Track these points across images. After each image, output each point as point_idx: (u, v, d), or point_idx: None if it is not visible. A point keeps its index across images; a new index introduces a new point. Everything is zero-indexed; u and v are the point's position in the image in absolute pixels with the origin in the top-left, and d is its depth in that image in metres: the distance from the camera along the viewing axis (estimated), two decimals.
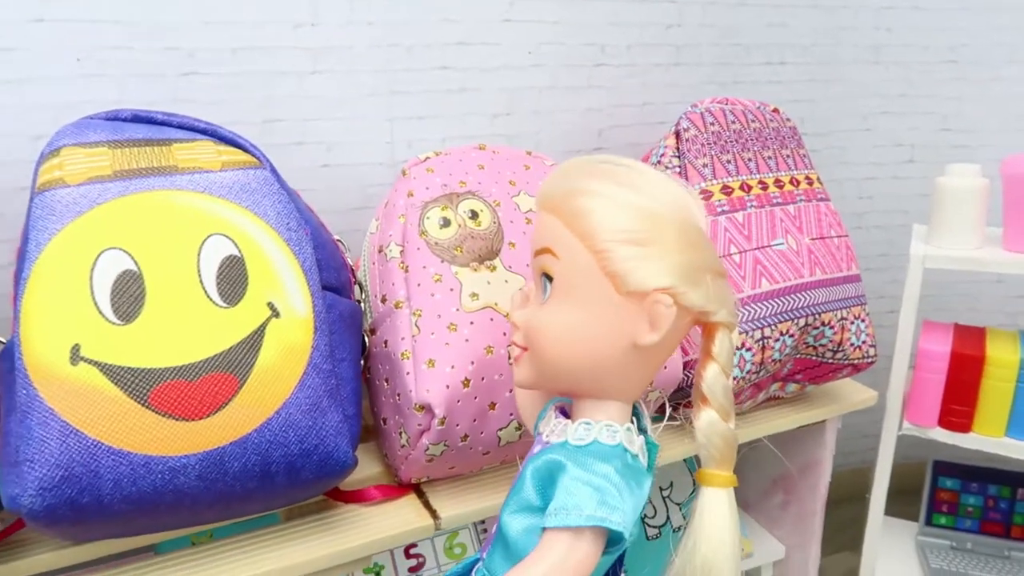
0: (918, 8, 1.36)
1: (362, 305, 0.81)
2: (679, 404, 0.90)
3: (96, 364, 0.59)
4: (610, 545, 0.51)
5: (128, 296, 0.61)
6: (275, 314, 0.65)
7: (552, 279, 0.53)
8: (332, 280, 0.72)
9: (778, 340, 0.90)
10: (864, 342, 0.98)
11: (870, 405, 1.10)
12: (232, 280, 0.65)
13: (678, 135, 0.96)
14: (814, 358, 0.97)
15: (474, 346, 0.74)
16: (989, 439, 1.12)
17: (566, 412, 0.58)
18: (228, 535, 0.75)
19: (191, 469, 0.60)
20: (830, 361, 0.98)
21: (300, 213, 0.71)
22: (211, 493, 0.62)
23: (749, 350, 0.88)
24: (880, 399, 1.12)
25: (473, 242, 0.79)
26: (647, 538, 1.11)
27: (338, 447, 0.67)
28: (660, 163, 0.97)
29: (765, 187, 0.97)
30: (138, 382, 0.59)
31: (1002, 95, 1.41)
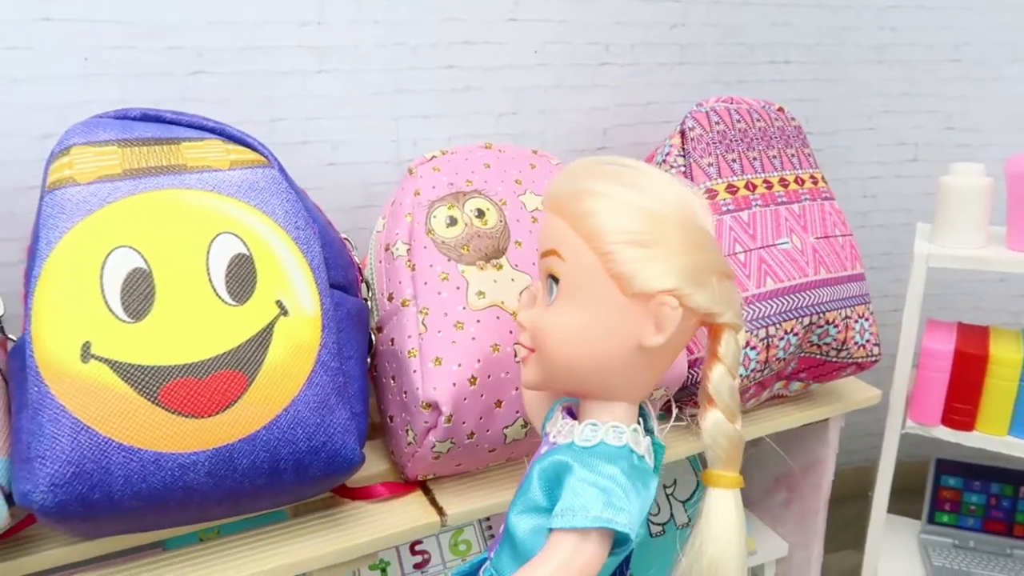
0: (922, 7, 1.36)
1: (369, 303, 0.81)
2: (684, 403, 0.90)
3: (106, 361, 0.59)
4: (616, 546, 0.51)
5: (138, 294, 0.62)
6: (283, 312, 0.66)
7: (558, 280, 0.53)
8: (340, 278, 0.73)
9: (782, 339, 0.90)
10: (868, 341, 0.98)
11: (873, 403, 1.11)
12: (241, 278, 0.65)
13: (683, 134, 0.97)
14: (818, 356, 0.98)
15: (480, 344, 0.74)
16: (992, 438, 1.12)
17: (573, 412, 0.58)
18: (235, 531, 0.75)
19: (200, 466, 0.61)
20: (834, 360, 0.98)
21: (308, 212, 0.71)
22: (220, 490, 0.63)
23: (753, 348, 0.88)
24: (883, 398, 1.12)
25: (480, 241, 0.79)
26: (651, 535, 1.12)
27: (346, 444, 0.67)
28: (665, 162, 0.97)
29: (770, 186, 0.97)
30: (148, 379, 0.60)
31: (1006, 94, 1.41)
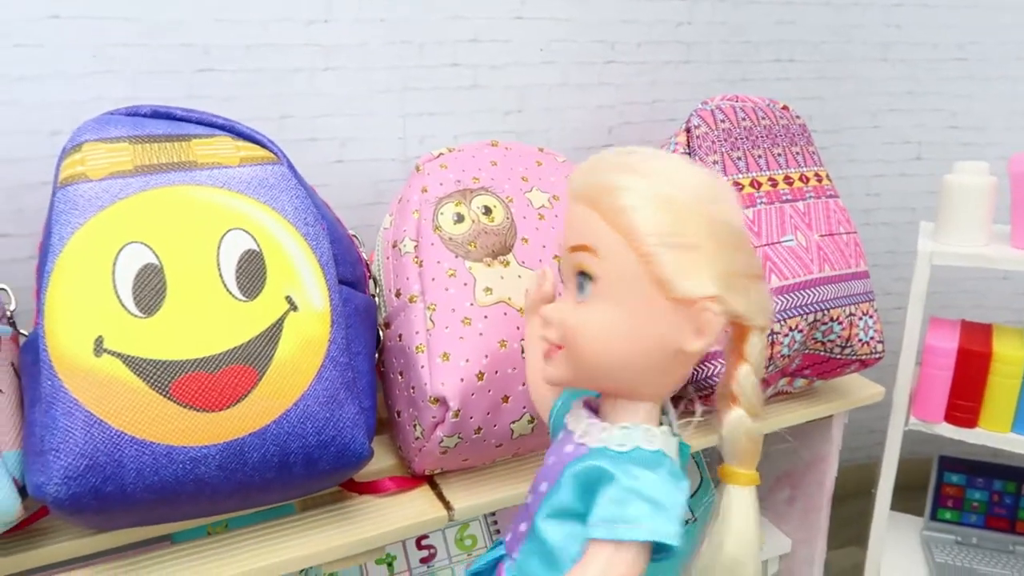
0: (927, 6, 1.36)
1: (376, 299, 0.82)
2: (695, 398, 0.91)
3: (119, 356, 0.60)
4: (656, 553, 0.50)
5: (150, 289, 0.62)
6: (293, 308, 0.66)
7: (592, 277, 0.50)
8: (348, 274, 0.73)
9: (787, 335, 0.90)
10: (872, 338, 0.99)
11: (877, 401, 1.11)
12: (251, 274, 0.65)
13: (689, 132, 0.97)
14: (822, 353, 0.98)
15: (488, 340, 0.75)
16: (995, 434, 1.12)
17: (591, 407, 0.57)
18: (244, 525, 0.75)
19: (212, 459, 0.61)
20: (838, 356, 0.99)
21: (317, 208, 0.72)
22: (231, 483, 0.63)
23: None
24: (887, 395, 1.12)
25: (487, 237, 0.80)
26: None
27: (355, 439, 0.67)
28: None
29: (775, 184, 0.97)
30: (160, 374, 0.60)
31: (1010, 93, 1.41)
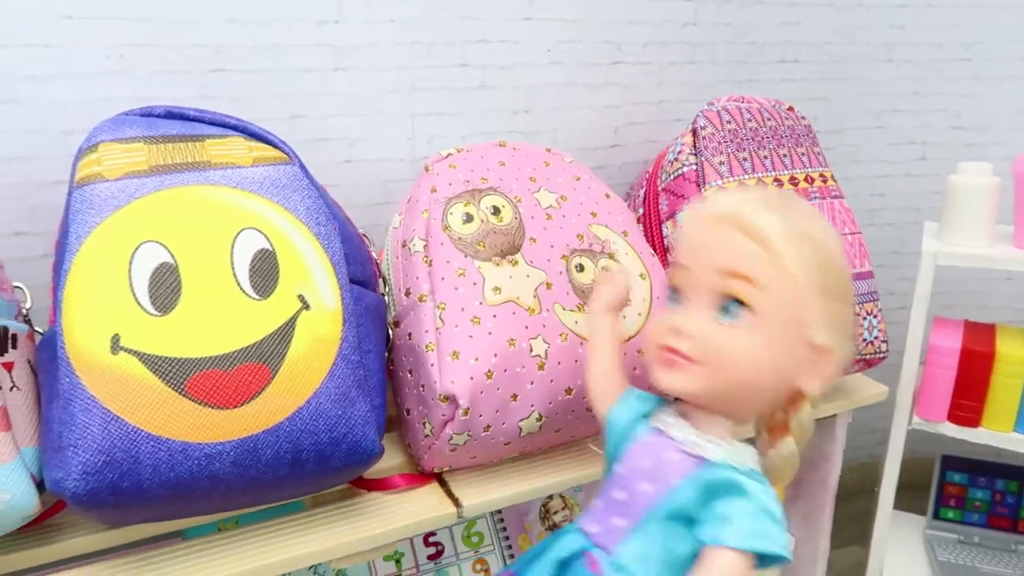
0: (931, 6, 1.36)
1: (386, 298, 0.82)
2: None
3: (135, 353, 0.60)
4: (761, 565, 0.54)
5: (165, 288, 0.63)
6: (305, 306, 0.67)
7: (747, 305, 0.54)
8: (359, 274, 0.74)
9: None
10: (876, 338, 0.99)
11: (880, 400, 1.11)
12: (264, 273, 0.66)
13: (695, 133, 0.98)
14: None
15: (497, 339, 0.76)
16: (998, 434, 1.13)
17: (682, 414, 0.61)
18: (254, 521, 0.76)
19: (226, 456, 0.62)
20: None
21: (328, 208, 0.72)
22: (244, 479, 0.64)
23: None
24: (890, 394, 1.13)
25: (495, 237, 0.80)
26: None
27: (366, 436, 0.68)
28: (677, 160, 0.98)
29: (780, 184, 0.98)
30: (175, 371, 0.61)
31: (1015, 93, 1.42)
